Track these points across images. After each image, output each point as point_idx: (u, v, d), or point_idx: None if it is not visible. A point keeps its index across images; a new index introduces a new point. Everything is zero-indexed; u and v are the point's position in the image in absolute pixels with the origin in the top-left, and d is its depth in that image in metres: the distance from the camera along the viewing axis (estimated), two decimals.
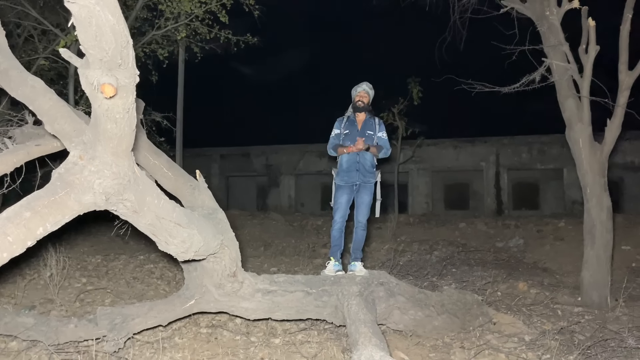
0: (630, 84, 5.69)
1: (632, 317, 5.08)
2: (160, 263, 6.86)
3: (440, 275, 7.09)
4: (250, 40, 10.92)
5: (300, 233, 11.62)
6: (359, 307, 3.99)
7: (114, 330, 3.79)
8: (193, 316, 4.60)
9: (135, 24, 10.18)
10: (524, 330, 4.65)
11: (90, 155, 2.46)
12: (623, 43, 5.72)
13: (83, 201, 2.49)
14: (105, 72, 2.03)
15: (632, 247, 8.37)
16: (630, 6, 5.74)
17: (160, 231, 2.99)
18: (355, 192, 5.07)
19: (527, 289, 6.26)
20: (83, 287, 5.79)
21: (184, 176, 4.12)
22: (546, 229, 10.30)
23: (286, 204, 19.48)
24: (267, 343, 4.24)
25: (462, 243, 9.97)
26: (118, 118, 2.27)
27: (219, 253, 3.66)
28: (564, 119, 5.94)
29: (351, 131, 5.13)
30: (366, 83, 5.21)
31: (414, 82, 13.19)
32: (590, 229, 5.75)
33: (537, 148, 17.31)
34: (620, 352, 4.08)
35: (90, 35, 1.84)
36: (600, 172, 5.73)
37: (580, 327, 4.81)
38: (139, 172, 2.74)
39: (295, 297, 4.23)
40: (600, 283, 5.63)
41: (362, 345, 3.32)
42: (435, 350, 4.19)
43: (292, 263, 8.26)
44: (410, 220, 12.77)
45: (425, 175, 18.41)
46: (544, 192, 18.52)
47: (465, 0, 7.33)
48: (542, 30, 6.07)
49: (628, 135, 14.54)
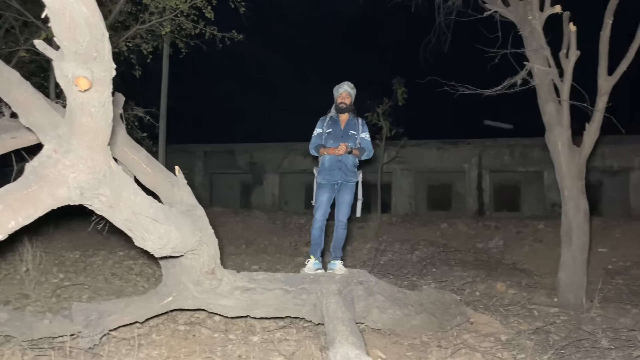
0: (609, 89, 5.78)
1: (606, 318, 5.17)
2: (140, 260, 6.79)
3: (420, 274, 7.14)
4: (235, 37, 10.86)
5: (282, 231, 11.61)
6: (337, 305, 4.00)
7: (89, 327, 3.74)
8: (171, 313, 4.57)
9: (120, 17, 10.06)
10: (501, 330, 4.70)
11: (64, 148, 2.43)
12: (603, 49, 5.80)
13: (57, 195, 2.46)
14: (80, 65, 2.01)
15: (608, 249, 8.51)
16: (611, 12, 5.83)
17: (137, 227, 2.96)
18: (337, 191, 5.08)
19: (505, 289, 6.33)
20: (60, 282, 5.71)
21: (163, 172, 4.08)
22: (525, 231, 10.44)
23: (270, 202, 19.43)
24: (245, 341, 4.23)
25: (443, 243, 10.05)
26: (93, 112, 2.24)
27: (198, 250, 3.64)
28: (544, 122, 6.01)
29: (334, 130, 5.13)
30: (347, 83, 5.20)
31: (399, 83, 13.27)
32: (567, 231, 5.83)
33: (518, 151, 17.50)
34: (593, 352, 4.15)
35: (63, 27, 1.81)
36: (578, 175, 5.81)
37: (556, 327, 4.88)
38: (115, 167, 2.71)
39: (274, 295, 4.23)
40: (576, 284, 5.72)
41: (339, 343, 3.33)
42: (412, 349, 4.22)
43: (274, 261, 8.25)
44: (392, 220, 12.83)
45: (409, 176, 18.50)
46: (525, 194, 18.73)
47: (450, 3, 7.39)
48: (525, 34, 6.13)
49: (607, 140, 14.78)
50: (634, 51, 5.74)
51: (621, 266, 7.85)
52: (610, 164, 16.51)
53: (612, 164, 16.51)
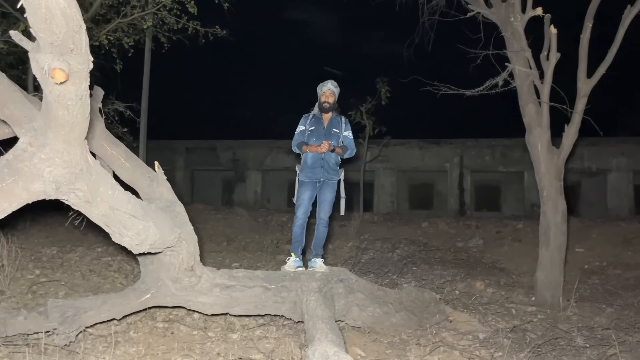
0: (588, 92, 5.87)
1: (581, 317, 5.25)
2: (119, 256, 6.71)
3: (401, 273, 7.18)
4: (219, 33, 10.78)
5: (264, 229, 11.57)
6: (317, 303, 4.00)
7: (65, 323, 3.69)
8: (150, 310, 4.52)
9: (101, 10, 9.90)
10: (479, 328, 4.75)
11: (40, 142, 2.38)
12: (583, 51, 5.88)
13: (32, 189, 2.41)
14: (56, 57, 1.97)
15: (585, 249, 8.65)
16: (591, 16, 5.92)
17: (114, 222, 2.92)
18: (318, 189, 5.07)
19: (484, 288, 6.40)
20: (36, 278, 5.61)
21: (142, 167, 4.03)
22: (505, 230, 10.56)
23: (252, 200, 19.36)
24: (224, 338, 4.20)
25: (423, 242, 10.12)
26: (70, 105, 2.20)
27: (177, 247, 3.60)
28: (524, 123, 6.08)
29: (317, 128, 5.12)
30: (331, 81, 5.19)
31: (382, 82, 13.31)
32: (546, 231, 5.91)
33: (499, 151, 17.71)
34: (569, 350, 4.21)
35: (39, 18, 1.77)
36: (556, 176, 5.89)
37: (533, 326, 4.94)
38: (93, 162, 2.66)
39: (254, 293, 4.21)
40: (553, 284, 5.80)
41: (318, 341, 3.33)
42: (392, 347, 4.24)
43: (255, 259, 8.21)
44: (374, 219, 12.87)
45: (391, 175, 18.59)
46: (505, 194, 18.97)
47: (434, 3, 7.42)
48: (506, 35, 6.19)
49: (586, 142, 15.04)
50: (612, 54, 5.84)
51: (597, 266, 7.99)
52: (588, 166, 16.81)
53: (590, 165, 16.81)
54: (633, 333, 4.55)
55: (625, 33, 5.83)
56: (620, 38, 5.83)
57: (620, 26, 5.83)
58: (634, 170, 16.63)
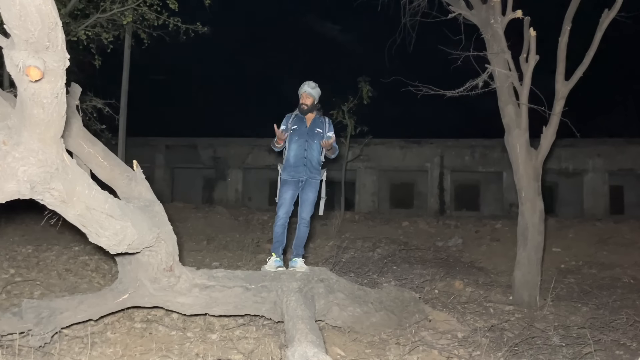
0: (566, 94, 5.96)
1: (558, 316, 5.34)
2: (96, 255, 6.60)
3: (381, 272, 7.21)
4: (200, 30, 10.70)
5: (245, 227, 11.51)
6: (297, 303, 3.99)
7: (40, 324, 3.62)
8: (127, 310, 4.46)
9: (79, 5, 9.74)
10: (457, 327, 4.79)
11: (15, 140, 2.33)
12: (561, 54, 5.97)
13: (5, 189, 2.36)
14: (31, 54, 1.92)
15: (562, 249, 8.81)
16: (569, 19, 6.01)
17: (91, 222, 2.87)
18: (301, 189, 5.06)
19: (463, 287, 6.46)
20: (11, 278, 5.49)
21: (120, 166, 3.97)
22: (484, 230, 10.68)
23: (233, 198, 19.25)
24: (203, 339, 4.16)
25: (404, 241, 10.17)
26: (45, 103, 2.15)
27: (155, 246, 3.56)
28: (504, 124, 6.15)
29: (299, 127, 5.10)
30: (308, 83, 5.14)
31: (364, 81, 13.35)
32: (523, 231, 5.99)
33: (479, 151, 17.91)
34: (545, 349, 4.28)
35: (13, 15, 1.73)
36: (534, 177, 5.97)
37: (510, 325, 5.01)
38: (69, 161, 2.61)
39: (234, 293, 4.18)
40: (530, 283, 5.88)
41: (298, 341, 3.32)
42: (371, 346, 4.26)
43: (235, 258, 8.16)
44: (355, 218, 12.90)
45: (372, 174, 18.66)
46: (484, 194, 19.19)
47: (416, 4, 7.46)
48: (487, 37, 6.25)
49: (563, 143, 15.29)
50: (590, 57, 5.94)
51: (573, 265, 8.14)
52: (565, 166, 17.10)
53: (567, 166, 17.10)
54: (608, 332, 4.64)
55: (603, 36, 5.94)
56: (597, 41, 5.93)
57: (598, 29, 5.93)
58: (610, 171, 16.98)
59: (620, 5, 5.81)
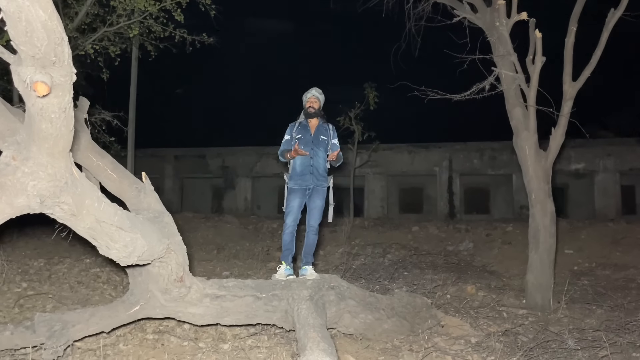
0: (574, 95, 5.93)
1: (572, 319, 5.28)
2: (107, 267, 6.63)
3: (392, 278, 7.17)
4: (206, 40, 10.77)
5: (255, 236, 11.51)
6: (308, 311, 3.97)
7: (52, 338, 3.62)
8: (139, 322, 4.47)
9: (86, 19, 9.85)
10: (471, 332, 4.75)
11: (24, 155, 2.35)
12: (567, 55, 5.94)
13: (15, 204, 2.37)
14: (38, 70, 1.94)
15: (574, 251, 8.71)
16: (575, 19, 5.99)
17: (101, 235, 2.88)
18: (308, 197, 5.05)
19: (475, 291, 6.41)
20: (23, 292, 5.53)
21: (129, 178, 3.99)
22: (495, 233, 10.60)
23: (242, 207, 19.28)
24: (215, 349, 4.16)
25: (414, 246, 10.13)
26: (54, 117, 2.17)
27: (165, 257, 3.56)
28: (512, 126, 6.12)
29: (304, 135, 5.10)
30: (315, 88, 5.21)
31: (370, 87, 13.36)
32: (535, 233, 5.94)
33: (488, 154, 17.82)
34: (560, 353, 4.22)
35: (20, 31, 1.75)
36: (544, 179, 5.93)
37: (524, 329, 4.96)
38: (78, 174, 2.63)
39: (245, 302, 4.17)
40: (543, 286, 5.82)
41: (310, 350, 3.31)
42: (384, 353, 4.22)
43: (246, 267, 8.17)
44: (365, 224, 12.86)
45: (381, 179, 18.63)
46: (494, 197, 19.08)
47: (420, 9, 7.46)
48: (492, 40, 6.24)
49: (572, 144, 15.18)
50: (597, 57, 5.90)
51: (586, 267, 8.05)
52: (575, 168, 16.96)
53: (577, 167, 16.96)
54: (623, 334, 4.57)
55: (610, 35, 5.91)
56: (604, 41, 5.90)
57: (605, 29, 5.90)
58: (621, 171, 16.81)
59: (626, 4, 5.78)
